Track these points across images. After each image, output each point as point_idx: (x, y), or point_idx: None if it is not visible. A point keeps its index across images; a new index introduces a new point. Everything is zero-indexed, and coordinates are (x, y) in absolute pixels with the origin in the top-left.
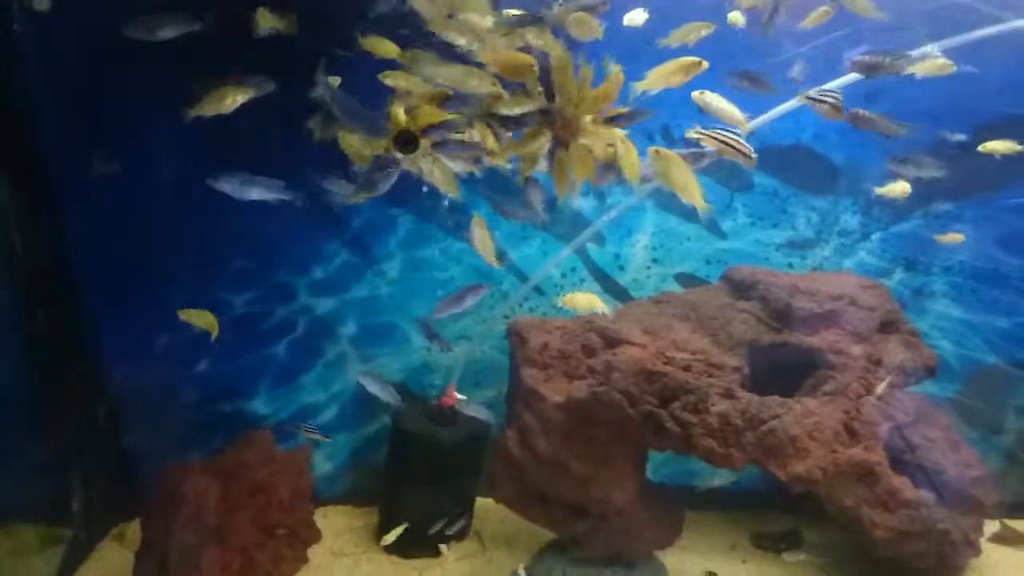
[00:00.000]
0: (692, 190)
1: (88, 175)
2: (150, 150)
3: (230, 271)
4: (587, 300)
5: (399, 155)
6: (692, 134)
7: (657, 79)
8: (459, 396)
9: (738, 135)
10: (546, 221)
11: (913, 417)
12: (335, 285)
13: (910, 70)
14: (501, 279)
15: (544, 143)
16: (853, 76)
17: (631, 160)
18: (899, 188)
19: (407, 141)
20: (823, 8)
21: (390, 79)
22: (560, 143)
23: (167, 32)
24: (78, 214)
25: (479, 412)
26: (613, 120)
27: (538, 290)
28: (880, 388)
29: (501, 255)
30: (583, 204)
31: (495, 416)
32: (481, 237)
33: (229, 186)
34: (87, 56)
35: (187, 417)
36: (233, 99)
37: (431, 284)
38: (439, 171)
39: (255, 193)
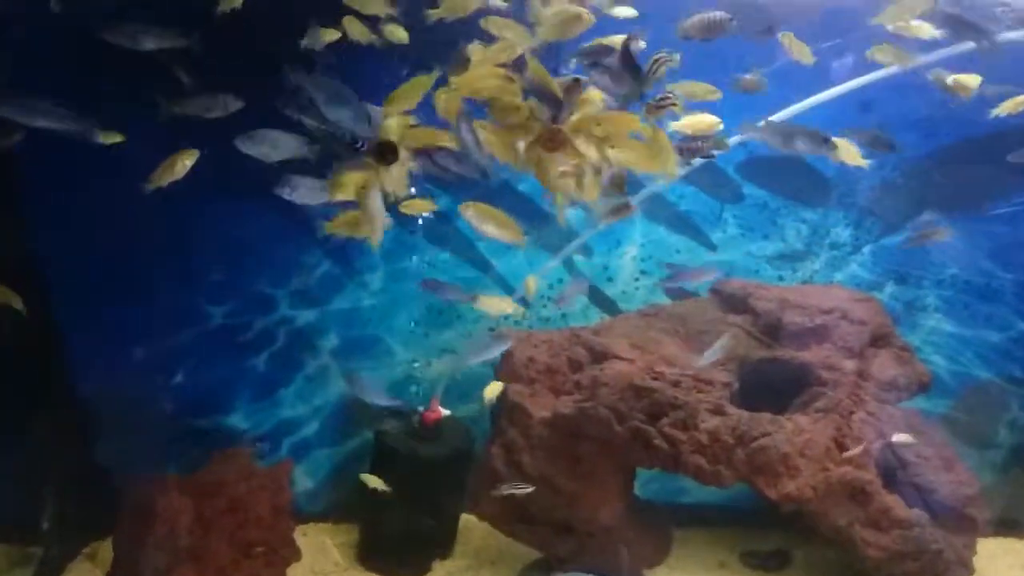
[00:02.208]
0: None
1: (58, 179)
2: (125, 155)
3: (208, 281)
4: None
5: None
6: None
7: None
8: (443, 410)
9: None
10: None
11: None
12: (316, 296)
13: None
14: (487, 290)
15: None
16: (846, 86)
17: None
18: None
19: (386, 152)
20: None
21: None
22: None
23: (150, 43)
24: (48, 221)
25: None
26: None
27: (524, 302)
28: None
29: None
30: (570, 214)
31: (479, 431)
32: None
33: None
34: (60, 54)
35: (163, 431)
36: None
37: (414, 295)
38: (393, 171)
39: (41, 121)
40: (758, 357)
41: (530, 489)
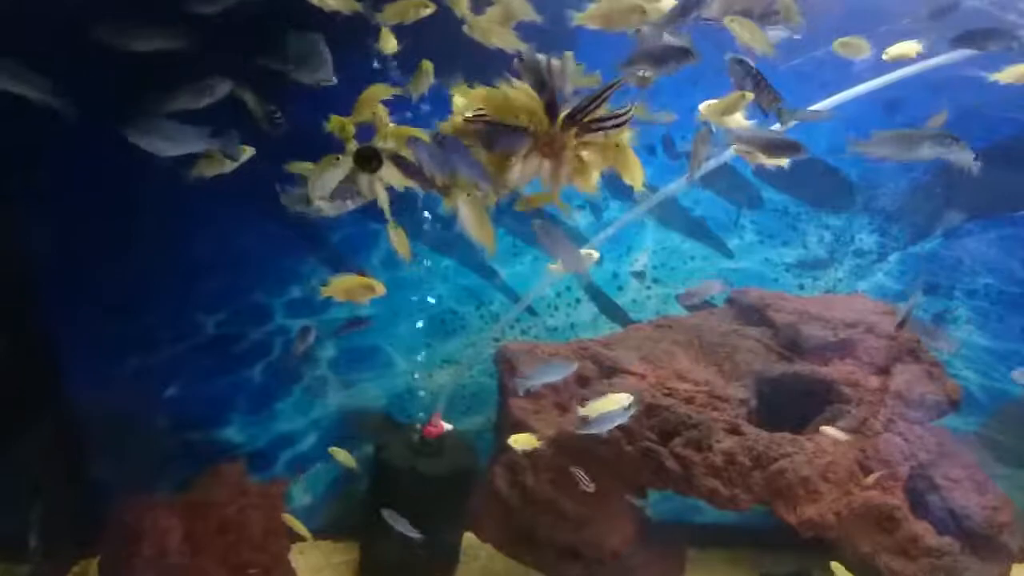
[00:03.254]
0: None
1: (47, 185)
2: (117, 161)
3: (201, 290)
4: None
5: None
6: None
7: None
8: (445, 425)
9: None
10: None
11: (935, 455)
12: (313, 305)
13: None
14: (491, 299)
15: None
16: (871, 84)
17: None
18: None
19: (369, 158)
20: None
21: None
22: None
23: (143, 45)
24: (38, 229)
25: None
26: (593, 124)
27: (531, 311)
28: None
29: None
30: (579, 219)
31: (483, 447)
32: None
33: None
34: (50, 56)
35: (155, 446)
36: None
37: (416, 304)
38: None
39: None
40: (777, 372)
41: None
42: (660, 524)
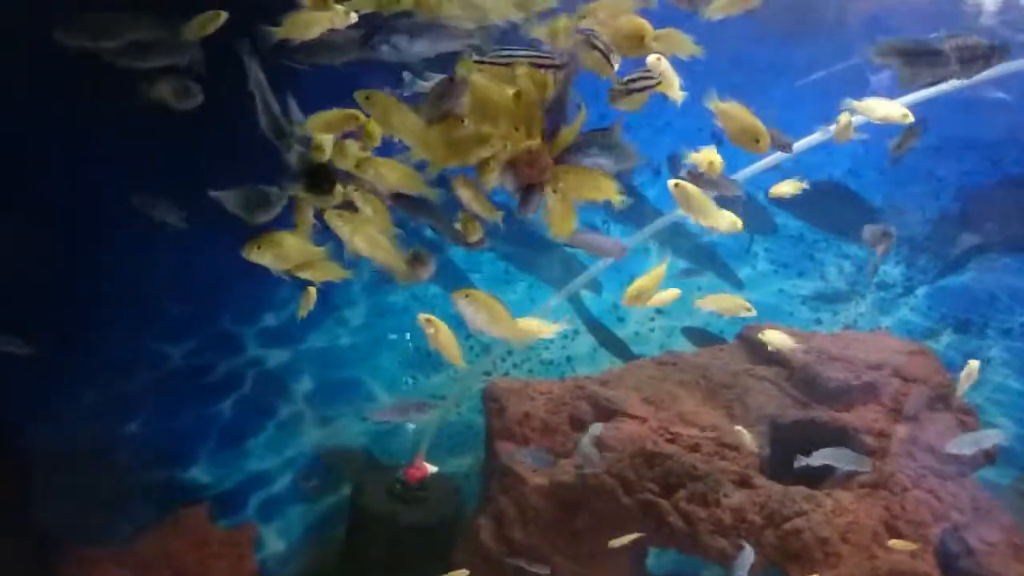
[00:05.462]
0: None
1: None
2: (73, 176)
3: (166, 317)
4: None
5: (307, 197)
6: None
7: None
8: (429, 467)
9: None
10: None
11: (970, 515)
12: (289, 334)
13: None
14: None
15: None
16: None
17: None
18: None
19: (319, 179)
20: None
21: None
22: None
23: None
24: None
25: None
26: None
27: None
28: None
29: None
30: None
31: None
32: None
33: None
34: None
35: (113, 488)
36: None
37: (400, 334)
38: (347, 228)
39: None
40: (792, 418)
41: None
42: None
